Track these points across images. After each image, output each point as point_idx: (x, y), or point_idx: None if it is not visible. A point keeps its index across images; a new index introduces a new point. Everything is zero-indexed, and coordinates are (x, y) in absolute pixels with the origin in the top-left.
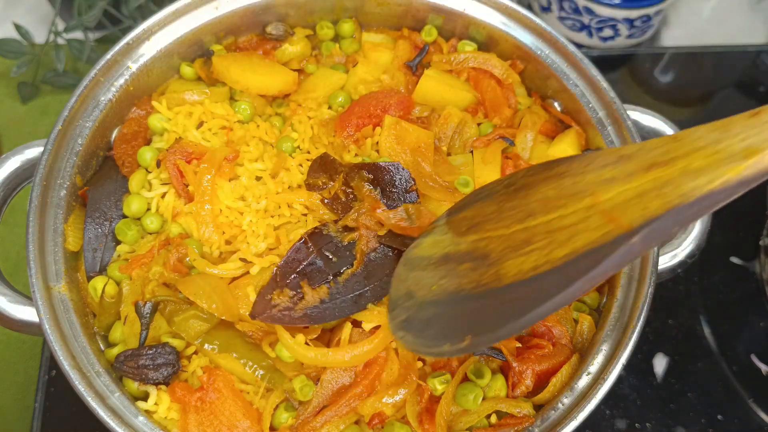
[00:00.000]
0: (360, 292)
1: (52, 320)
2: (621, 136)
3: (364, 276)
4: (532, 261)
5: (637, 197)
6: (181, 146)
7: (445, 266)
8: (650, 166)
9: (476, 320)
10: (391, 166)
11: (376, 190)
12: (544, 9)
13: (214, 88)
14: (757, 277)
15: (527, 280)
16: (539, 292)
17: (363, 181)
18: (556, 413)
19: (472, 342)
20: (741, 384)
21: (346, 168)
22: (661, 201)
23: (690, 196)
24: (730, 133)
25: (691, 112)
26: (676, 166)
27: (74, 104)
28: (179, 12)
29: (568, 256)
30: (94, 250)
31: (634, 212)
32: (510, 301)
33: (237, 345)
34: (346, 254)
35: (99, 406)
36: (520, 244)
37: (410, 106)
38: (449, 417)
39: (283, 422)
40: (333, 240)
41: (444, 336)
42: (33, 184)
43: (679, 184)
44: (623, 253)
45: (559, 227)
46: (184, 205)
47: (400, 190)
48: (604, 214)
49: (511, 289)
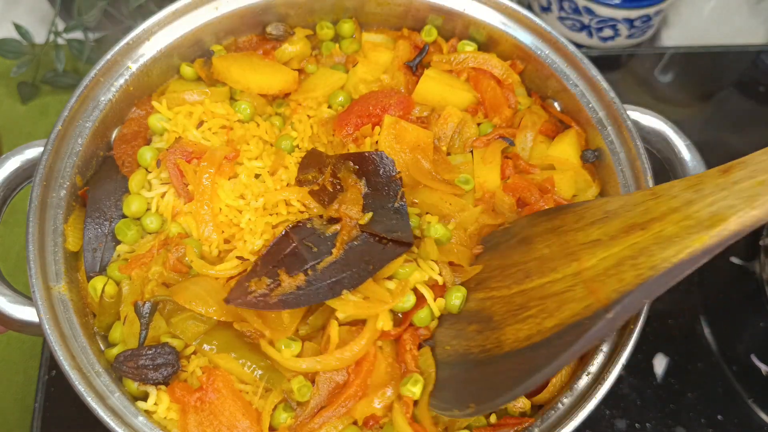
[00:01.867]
0: (336, 278)
1: (52, 320)
2: (621, 136)
3: (343, 263)
4: (527, 329)
5: (615, 266)
6: (181, 145)
7: (457, 326)
8: (630, 228)
9: (480, 388)
10: (375, 155)
11: (361, 180)
12: (544, 9)
13: (215, 88)
14: (757, 277)
15: (522, 349)
16: (531, 363)
17: (349, 171)
18: (556, 413)
19: (476, 410)
20: (741, 384)
21: (333, 159)
22: (635, 273)
23: (659, 268)
24: (702, 194)
25: (691, 112)
26: (651, 231)
27: (74, 104)
28: (179, 12)
29: (556, 327)
30: (94, 250)
31: (611, 284)
32: (507, 371)
33: (236, 345)
34: (327, 244)
35: (99, 406)
36: (518, 309)
37: (410, 106)
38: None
39: (282, 422)
40: (316, 232)
41: (455, 401)
42: (33, 184)
43: (651, 254)
44: (600, 327)
45: (550, 294)
46: (184, 204)
47: (384, 179)
48: (587, 285)
49: (508, 357)
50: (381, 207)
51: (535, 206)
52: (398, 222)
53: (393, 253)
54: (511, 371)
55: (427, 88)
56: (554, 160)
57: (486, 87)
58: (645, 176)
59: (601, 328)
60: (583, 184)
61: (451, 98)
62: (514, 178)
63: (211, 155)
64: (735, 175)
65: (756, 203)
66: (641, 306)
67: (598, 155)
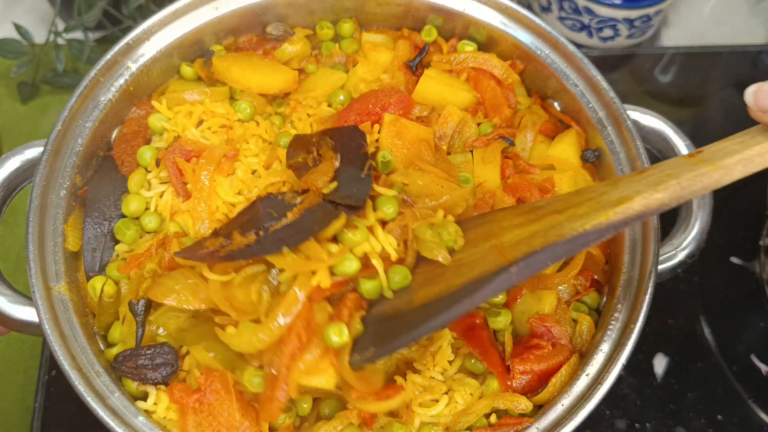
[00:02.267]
0: (282, 237)
1: (52, 320)
2: (621, 136)
3: (294, 227)
4: (437, 289)
5: (528, 237)
6: (180, 144)
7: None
8: (549, 213)
9: (383, 336)
10: (347, 129)
11: (336, 155)
12: (544, 9)
13: (215, 88)
14: (757, 277)
15: (428, 303)
16: (433, 310)
17: (328, 147)
18: (555, 413)
19: (375, 353)
20: (741, 384)
21: (316, 137)
22: (543, 239)
23: (566, 235)
24: (616, 187)
25: (691, 112)
26: (566, 213)
27: (74, 104)
28: (179, 12)
29: (462, 284)
30: (94, 250)
31: (521, 248)
32: (411, 321)
33: (207, 336)
34: (288, 211)
35: (99, 406)
36: (435, 277)
37: (410, 105)
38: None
39: (281, 423)
40: (283, 201)
41: (358, 351)
42: (33, 184)
43: (562, 227)
44: (502, 280)
45: (466, 262)
46: (182, 203)
47: (354, 152)
48: (500, 251)
49: (415, 311)
50: (349, 179)
51: None
52: (358, 190)
53: (336, 214)
54: (414, 321)
55: (427, 87)
56: (554, 160)
57: (486, 87)
58: None
59: (502, 281)
60: (583, 184)
61: (451, 98)
62: (514, 178)
63: (210, 153)
64: (648, 172)
65: (660, 187)
66: (544, 266)
67: (598, 155)
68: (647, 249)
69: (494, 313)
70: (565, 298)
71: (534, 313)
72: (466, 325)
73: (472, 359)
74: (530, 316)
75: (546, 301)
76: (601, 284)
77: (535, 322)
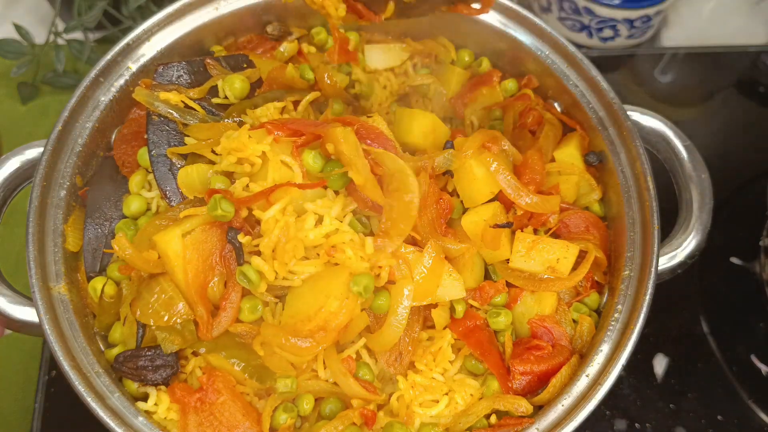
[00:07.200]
0: None
1: (52, 320)
2: (621, 136)
3: None
4: None
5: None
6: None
7: None
8: None
9: None
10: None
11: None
12: (544, 9)
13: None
14: (757, 278)
15: None
16: None
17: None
18: (555, 414)
19: None
20: (741, 384)
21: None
22: None
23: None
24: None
25: (691, 112)
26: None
27: (74, 105)
28: (179, 13)
29: None
30: (94, 251)
31: None
32: None
33: (226, 345)
34: None
35: (99, 406)
36: None
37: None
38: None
39: (282, 423)
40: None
41: None
42: (33, 184)
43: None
44: None
45: None
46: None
47: None
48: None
49: None
50: None
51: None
52: None
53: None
54: None
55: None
56: (560, 164)
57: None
58: (645, 177)
59: None
60: (587, 187)
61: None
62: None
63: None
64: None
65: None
66: None
67: (602, 158)
68: (647, 250)
69: (494, 314)
70: (566, 299)
71: (534, 314)
72: (467, 326)
73: (472, 360)
74: (530, 317)
75: (546, 302)
76: (602, 285)
77: (535, 323)
